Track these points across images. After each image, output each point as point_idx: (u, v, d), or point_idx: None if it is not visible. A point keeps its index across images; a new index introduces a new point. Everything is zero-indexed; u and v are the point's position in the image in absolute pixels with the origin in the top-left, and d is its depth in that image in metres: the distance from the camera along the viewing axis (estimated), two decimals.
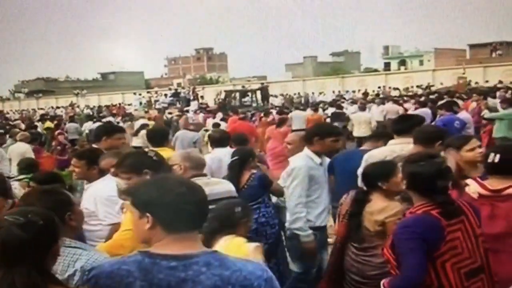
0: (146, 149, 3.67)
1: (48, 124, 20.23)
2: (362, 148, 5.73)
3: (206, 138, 10.63)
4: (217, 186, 4.05)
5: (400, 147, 4.46)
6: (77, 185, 4.89)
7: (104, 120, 22.18)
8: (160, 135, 5.85)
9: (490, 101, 13.89)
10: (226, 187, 4.15)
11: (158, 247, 1.88)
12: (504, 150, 3.25)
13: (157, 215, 1.89)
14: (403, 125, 4.74)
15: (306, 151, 4.62)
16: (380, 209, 3.54)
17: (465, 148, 3.72)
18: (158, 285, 1.82)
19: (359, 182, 4.48)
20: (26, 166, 6.23)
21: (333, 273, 3.91)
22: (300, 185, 4.46)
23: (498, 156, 3.13)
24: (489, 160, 3.15)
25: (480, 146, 3.80)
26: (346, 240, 3.81)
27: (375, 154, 4.63)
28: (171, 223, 1.89)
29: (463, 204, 2.90)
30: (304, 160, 4.52)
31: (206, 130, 11.95)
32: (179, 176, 2.23)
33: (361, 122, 13.66)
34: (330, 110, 18.46)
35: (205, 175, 4.14)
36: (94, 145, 5.30)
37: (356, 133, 13.70)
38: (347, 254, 3.80)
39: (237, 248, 3.11)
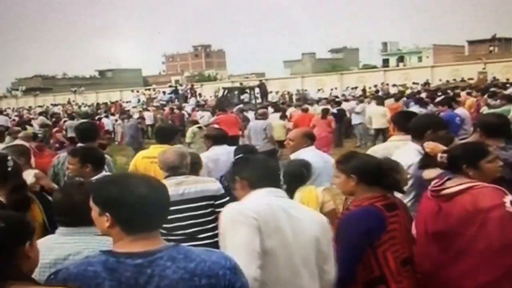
0: (9, 157, 3.59)
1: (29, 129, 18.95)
2: None
3: (197, 135, 10.77)
4: (193, 186, 3.99)
5: (404, 144, 4.41)
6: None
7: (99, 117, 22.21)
8: (166, 133, 5.95)
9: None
10: (203, 187, 4.04)
11: (119, 247, 1.90)
12: (454, 148, 3.21)
13: (116, 216, 1.89)
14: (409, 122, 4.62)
15: (416, 146, 4.07)
16: None
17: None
18: (127, 283, 1.83)
19: None
20: None
21: None
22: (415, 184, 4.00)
23: (445, 155, 3.10)
24: (438, 159, 3.13)
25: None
26: None
27: (377, 150, 4.60)
28: (130, 225, 1.89)
29: (398, 201, 3.07)
30: (417, 157, 3.95)
31: (199, 128, 11.88)
32: (143, 174, 2.21)
33: (378, 115, 14.88)
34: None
35: (183, 174, 4.06)
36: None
37: (375, 125, 15.07)
38: None
39: (309, 193, 4.06)
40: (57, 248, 2.44)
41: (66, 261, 2.33)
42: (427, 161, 3.72)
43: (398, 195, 3.68)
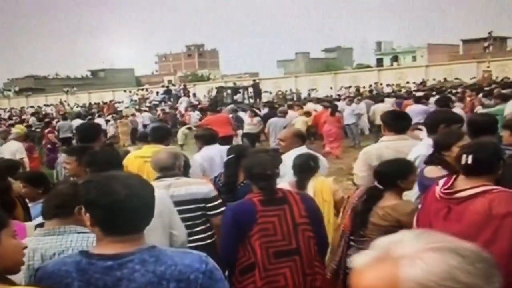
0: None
1: (20, 127, 18.24)
2: None
3: (188, 136, 10.71)
4: (183, 188, 3.93)
5: (396, 143, 4.42)
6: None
7: (89, 118, 22.14)
8: (160, 133, 5.99)
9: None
10: (194, 189, 3.98)
11: (97, 248, 1.92)
12: (477, 149, 2.97)
13: (93, 217, 1.89)
14: (403, 123, 4.68)
15: (430, 140, 4.08)
16: (393, 206, 3.53)
17: (457, 145, 3.57)
18: (95, 285, 1.83)
19: (356, 179, 4.56)
20: None
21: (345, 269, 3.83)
22: None
23: (470, 157, 2.88)
24: (463, 162, 2.91)
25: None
26: (349, 235, 3.82)
27: (370, 150, 4.58)
28: (107, 227, 1.88)
29: (291, 196, 3.40)
30: (428, 150, 3.97)
31: (189, 128, 11.78)
32: (132, 175, 2.14)
33: (379, 113, 15.47)
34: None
35: (175, 175, 4.01)
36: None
37: (378, 121, 15.70)
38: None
39: (321, 182, 4.48)
40: (39, 249, 2.45)
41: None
42: (433, 157, 3.73)
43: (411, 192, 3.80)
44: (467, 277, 1.04)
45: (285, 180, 4.94)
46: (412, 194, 3.89)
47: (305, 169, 4.54)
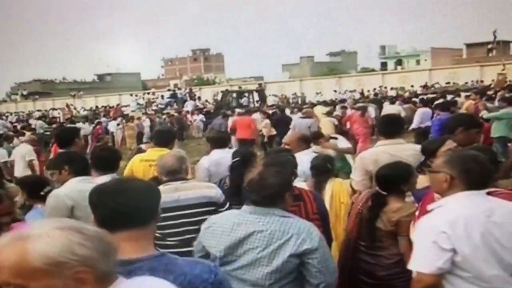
0: None
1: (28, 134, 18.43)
2: None
3: None
4: (190, 192, 3.87)
5: (391, 147, 4.42)
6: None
7: (98, 121, 22.31)
8: (164, 136, 5.91)
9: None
10: (201, 193, 3.91)
11: None
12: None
13: (94, 214, 2.01)
14: (395, 127, 4.67)
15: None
16: (396, 209, 3.55)
17: (441, 150, 3.66)
18: None
19: (353, 184, 4.52)
20: None
21: (349, 274, 3.82)
22: None
23: None
24: None
25: (456, 147, 3.67)
26: (357, 240, 3.80)
27: (366, 156, 4.57)
28: (103, 222, 1.92)
29: (306, 193, 3.60)
30: None
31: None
32: (138, 179, 2.27)
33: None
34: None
35: (181, 179, 3.96)
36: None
37: None
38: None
39: (339, 184, 4.72)
40: (243, 224, 2.72)
41: (251, 237, 2.65)
42: (422, 166, 3.76)
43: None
44: (83, 250, 1.35)
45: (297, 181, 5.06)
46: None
47: (322, 171, 4.71)
